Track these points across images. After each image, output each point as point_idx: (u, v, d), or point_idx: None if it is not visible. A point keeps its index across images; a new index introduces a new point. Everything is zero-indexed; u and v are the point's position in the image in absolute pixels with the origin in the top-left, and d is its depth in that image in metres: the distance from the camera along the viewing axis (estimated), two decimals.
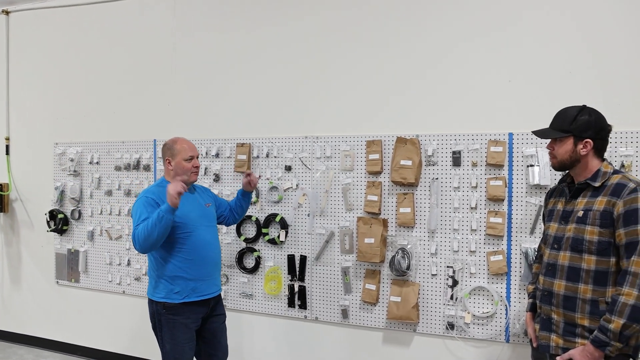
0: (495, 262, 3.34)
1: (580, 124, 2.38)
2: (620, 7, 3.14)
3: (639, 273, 2.20)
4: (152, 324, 3.27)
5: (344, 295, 3.77)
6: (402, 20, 3.64)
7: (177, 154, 3.22)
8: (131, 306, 4.56)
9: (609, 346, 2.24)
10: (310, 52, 3.92)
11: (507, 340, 3.35)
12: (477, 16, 3.45)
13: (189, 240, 3.16)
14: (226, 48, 4.20)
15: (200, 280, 3.19)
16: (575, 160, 2.42)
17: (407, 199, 3.54)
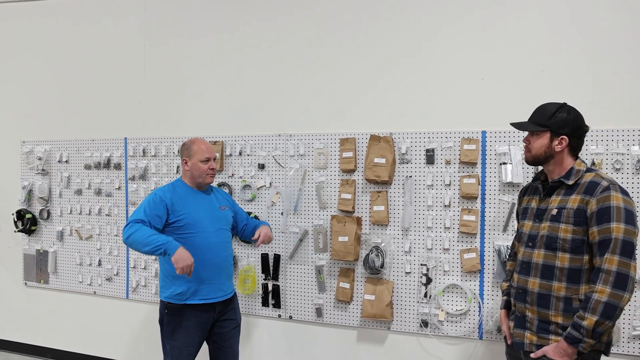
0: (469, 259, 3.31)
1: (558, 120, 2.36)
2: (592, 8, 3.13)
3: (612, 270, 2.17)
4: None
5: (318, 294, 3.70)
6: (374, 18, 3.59)
7: (194, 154, 3.14)
8: (102, 307, 4.42)
9: (582, 343, 2.21)
10: (282, 51, 3.84)
11: (481, 338, 3.32)
12: (449, 15, 3.41)
13: (192, 241, 3.04)
14: (198, 45, 4.09)
15: (203, 284, 3.08)
16: (549, 156, 2.39)
17: (381, 197, 3.49)
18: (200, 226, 3.09)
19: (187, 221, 3.06)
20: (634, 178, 3.01)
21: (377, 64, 3.58)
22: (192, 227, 3.07)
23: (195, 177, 3.15)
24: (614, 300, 2.16)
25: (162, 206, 3.03)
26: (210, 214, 3.16)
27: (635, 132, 3.02)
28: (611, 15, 3.10)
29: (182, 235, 3.04)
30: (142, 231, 2.89)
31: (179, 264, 2.81)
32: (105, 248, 4.35)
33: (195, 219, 3.09)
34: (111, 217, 4.32)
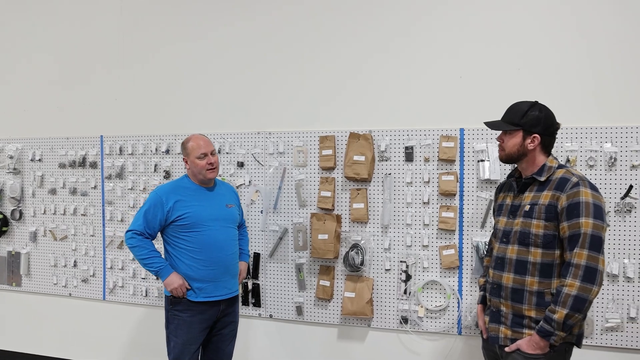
0: (448, 256, 3.45)
1: (530, 119, 2.49)
2: (567, 8, 3.28)
3: (581, 264, 2.31)
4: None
5: (298, 292, 3.82)
6: (352, 15, 3.71)
7: (191, 152, 3.21)
8: (78, 309, 4.48)
9: (554, 335, 2.35)
10: (261, 50, 3.93)
11: (460, 333, 3.47)
12: (427, 13, 3.54)
13: (197, 239, 3.16)
14: (176, 41, 4.17)
15: (207, 282, 3.18)
16: (522, 154, 2.52)
17: (361, 194, 3.61)
18: (206, 224, 3.17)
19: (192, 220, 3.15)
20: (606, 174, 3.18)
21: (355, 61, 3.70)
22: (198, 225, 3.16)
23: (195, 174, 3.23)
24: (583, 293, 2.30)
25: (161, 208, 3.13)
26: (216, 212, 3.24)
27: (608, 130, 3.18)
28: (585, 16, 3.25)
29: (187, 233, 3.16)
30: (140, 249, 3.13)
31: (168, 287, 3.14)
32: (81, 248, 4.41)
33: (201, 217, 3.17)
34: (87, 216, 4.39)
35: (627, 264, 3.16)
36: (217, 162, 3.27)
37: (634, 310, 3.15)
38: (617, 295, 3.18)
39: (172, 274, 3.13)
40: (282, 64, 3.88)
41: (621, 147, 3.17)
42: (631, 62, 3.18)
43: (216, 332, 3.32)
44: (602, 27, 3.23)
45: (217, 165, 3.28)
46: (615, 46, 3.21)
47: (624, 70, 3.19)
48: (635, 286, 3.16)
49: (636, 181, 3.14)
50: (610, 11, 3.22)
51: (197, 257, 3.17)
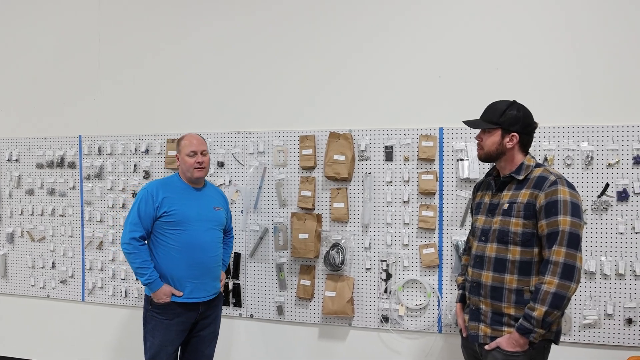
0: (428, 254, 3.46)
1: (509, 118, 2.50)
2: (544, 9, 3.31)
3: (559, 262, 2.32)
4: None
5: (279, 292, 3.80)
6: (332, 15, 3.70)
7: (182, 149, 3.20)
8: (57, 311, 4.42)
9: (533, 333, 2.35)
10: (241, 47, 3.91)
11: (440, 331, 3.48)
12: (407, 12, 3.54)
13: (180, 238, 3.12)
14: (155, 40, 4.13)
15: (188, 282, 3.13)
16: (500, 153, 2.53)
17: (341, 194, 3.60)
18: (190, 223, 3.14)
19: (177, 217, 3.12)
20: (583, 173, 3.21)
21: (335, 61, 3.70)
22: (182, 224, 3.12)
23: (184, 171, 3.20)
24: (561, 290, 2.31)
25: (152, 203, 3.11)
26: (202, 212, 3.20)
27: (585, 129, 3.21)
28: (562, 16, 3.28)
29: (171, 231, 3.12)
30: (134, 257, 3.08)
31: (154, 299, 3.10)
32: (59, 249, 4.34)
33: (186, 216, 3.14)
34: (65, 217, 4.32)
35: (603, 261, 3.19)
36: (207, 162, 3.22)
37: (611, 307, 3.18)
38: (594, 292, 3.21)
39: (162, 288, 3.08)
40: (262, 64, 3.86)
41: (597, 146, 3.20)
42: (607, 62, 3.22)
43: (195, 334, 3.28)
44: (579, 28, 3.26)
45: (207, 166, 3.23)
46: (592, 46, 3.24)
47: (601, 70, 3.23)
48: (612, 283, 3.19)
49: (612, 179, 3.18)
50: (587, 12, 3.25)
51: (178, 256, 3.12)
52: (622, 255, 3.18)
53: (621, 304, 3.18)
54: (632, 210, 3.16)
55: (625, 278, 3.17)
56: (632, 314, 3.17)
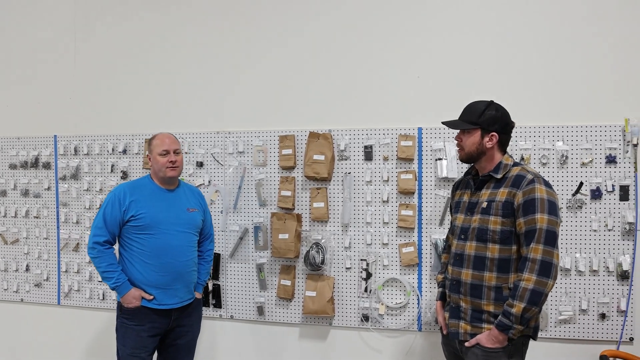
0: (407, 253, 3.48)
1: (488, 118, 2.53)
2: (519, 11, 3.36)
3: (537, 259, 2.37)
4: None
5: (259, 292, 3.79)
6: (311, 15, 3.70)
7: (154, 148, 3.11)
8: (32, 315, 4.32)
9: (512, 329, 2.39)
10: (220, 49, 3.89)
11: (420, 329, 3.50)
12: (385, 12, 3.56)
13: (149, 243, 3.03)
14: (132, 38, 4.08)
15: (158, 289, 3.04)
16: (481, 153, 2.56)
17: (321, 193, 3.60)
18: (160, 227, 3.04)
19: (146, 221, 3.03)
20: (558, 171, 3.27)
21: (315, 61, 3.70)
22: (151, 227, 3.04)
23: (157, 171, 3.11)
24: (539, 287, 2.35)
25: (118, 207, 3.03)
26: (174, 214, 3.11)
27: (560, 129, 3.27)
28: (538, 18, 3.33)
29: (140, 235, 3.03)
30: (99, 262, 3.02)
31: (124, 303, 3.05)
32: (34, 252, 4.26)
33: (155, 220, 3.04)
34: (40, 219, 4.24)
35: (578, 258, 3.25)
36: (180, 162, 3.15)
37: (585, 302, 3.25)
38: (570, 288, 3.27)
39: (131, 292, 3.01)
40: (241, 64, 3.84)
41: (572, 145, 3.26)
42: (582, 63, 3.28)
43: (172, 342, 3.20)
44: (555, 29, 3.32)
45: (180, 165, 3.16)
46: (567, 47, 3.30)
47: (576, 71, 3.29)
48: (586, 279, 3.25)
49: (586, 178, 3.24)
50: (561, 14, 3.30)
51: (148, 261, 3.04)
52: (595, 252, 3.24)
53: (595, 299, 3.24)
54: (605, 208, 3.23)
55: (599, 274, 3.24)
56: (606, 309, 3.23)
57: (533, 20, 3.34)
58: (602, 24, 3.26)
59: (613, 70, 3.24)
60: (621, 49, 3.23)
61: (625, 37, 3.23)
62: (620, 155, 3.21)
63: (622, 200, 3.21)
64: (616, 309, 3.22)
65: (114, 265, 3.02)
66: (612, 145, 3.22)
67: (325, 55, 3.68)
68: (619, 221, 3.21)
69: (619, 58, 3.24)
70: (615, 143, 3.21)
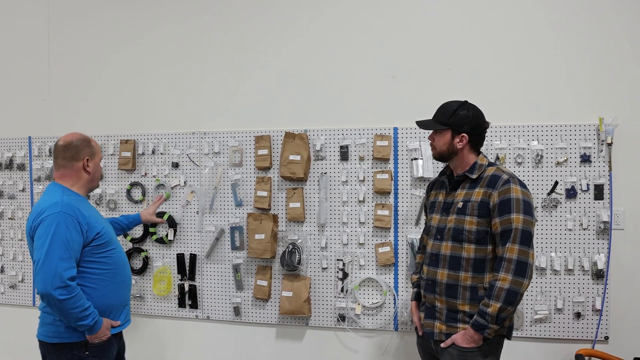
0: (383, 253, 3.36)
1: (458, 119, 2.44)
2: (495, 11, 3.26)
3: (513, 259, 2.27)
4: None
5: (236, 293, 3.64)
6: (284, 15, 3.58)
7: (96, 154, 2.65)
8: (6, 317, 4.14)
9: (487, 329, 2.31)
10: (196, 49, 3.74)
11: (396, 329, 3.39)
12: (360, 11, 3.45)
13: (112, 259, 2.59)
14: (106, 37, 3.91)
15: (122, 308, 2.67)
16: (452, 153, 2.47)
17: (297, 193, 3.48)
18: (115, 241, 2.68)
19: (107, 237, 2.58)
20: (533, 171, 3.17)
21: (290, 61, 3.57)
22: (111, 243, 2.61)
23: (95, 180, 2.67)
24: (515, 287, 2.26)
25: (79, 229, 2.45)
26: (110, 226, 2.77)
27: (535, 128, 3.17)
28: (512, 17, 3.24)
29: (102, 254, 2.55)
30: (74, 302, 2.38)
31: (95, 340, 2.51)
32: (9, 253, 4.07)
33: (109, 233, 2.64)
34: (15, 220, 4.05)
35: (553, 257, 3.16)
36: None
37: (561, 301, 3.16)
38: (545, 287, 3.17)
39: (103, 324, 2.52)
40: (216, 64, 3.70)
41: (547, 144, 3.17)
42: (557, 62, 3.19)
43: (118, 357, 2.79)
44: (530, 29, 3.22)
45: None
46: (541, 47, 3.21)
47: (550, 71, 3.20)
48: (562, 278, 3.16)
49: (561, 177, 3.15)
50: (536, 13, 3.21)
51: (113, 279, 2.59)
52: (570, 251, 3.15)
53: (570, 298, 3.15)
54: (580, 207, 3.14)
55: (574, 273, 3.15)
56: (581, 308, 3.14)
57: (508, 21, 3.25)
58: (576, 24, 3.17)
59: (587, 69, 3.16)
60: (595, 48, 3.15)
61: (599, 37, 3.14)
62: (594, 154, 3.12)
63: (596, 199, 3.13)
64: (591, 308, 3.14)
65: (87, 302, 2.45)
66: (586, 145, 3.13)
67: (300, 55, 3.55)
68: (594, 220, 3.13)
69: (593, 57, 3.15)
70: (590, 142, 3.13)
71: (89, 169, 2.62)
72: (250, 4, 3.64)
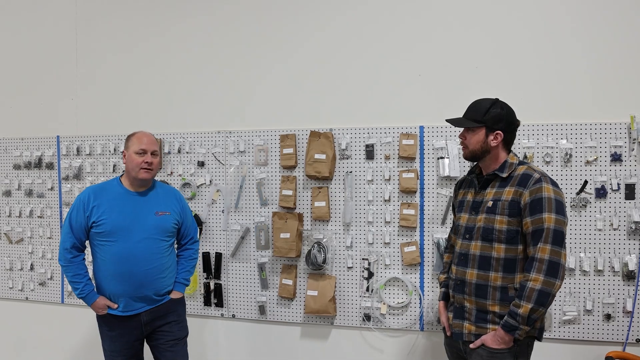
0: (409, 253, 3.32)
1: (493, 116, 2.38)
2: (525, 6, 3.19)
3: (544, 259, 2.21)
4: None
5: (261, 292, 3.62)
6: (310, 13, 3.55)
7: (131, 145, 2.85)
8: (36, 314, 4.17)
9: (518, 330, 2.25)
10: (220, 48, 3.73)
11: (422, 329, 3.34)
12: (388, 11, 3.40)
13: (110, 250, 2.79)
14: (134, 38, 3.92)
15: (121, 297, 2.84)
16: (485, 151, 2.41)
17: (322, 192, 3.44)
18: (120, 234, 2.79)
19: (107, 227, 2.79)
20: (562, 170, 3.09)
21: (316, 59, 3.54)
22: (112, 234, 2.79)
23: (129, 170, 2.84)
24: (546, 287, 2.20)
25: (82, 212, 2.82)
26: (137, 221, 2.83)
27: (563, 127, 3.10)
28: (541, 14, 3.17)
29: (102, 242, 2.81)
30: (67, 270, 2.85)
31: (94, 311, 2.91)
32: (38, 251, 4.11)
33: (117, 226, 2.79)
34: (44, 218, 4.09)
35: (583, 257, 3.08)
36: (156, 165, 2.88)
37: (590, 302, 3.08)
38: (574, 288, 3.10)
39: (97, 301, 2.84)
40: (242, 63, 3.68)
41: (576, 143, 3.09)
42: (586, 60, 3.11)
43: (157, 345, 2.99)
44: (557, 26, 3.15)
45: (155, 169, 2.89)
46: (569, 45, 3.13)
47: (579, 68, 3.12)
48: (591, 279, 3.08)
49: (591, 176, 3.07)
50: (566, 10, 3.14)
51: (109, 268, 2.81)
52: (600, 251, 3.07)
53: (600, 300, 3.07)
54: (610, 207, 3.06)
55: (604, 274, 3.07)
56: (611, 309, 3.06)
57: (536, 18, 3.18)
58: (607, 21, 3.09)
59: (618, 67, 3.07)
60: (626, 45, 3.06)
61: (631, 34, 3.06)
62: (625, 153, 3.04)
63: (627, 199, 3.04)
64: (622, 310, 3.05)
65: (79, 275, 2.83)
66: (617, 143, 3.05)
67: (326, 54, 3.52)
68: (625, 220, 3.04)
69: (624, 55, 3.06)
70: (621, 141, 3.04)
71: (124, 161, 2.90)
72: (276, 3, 3.61)
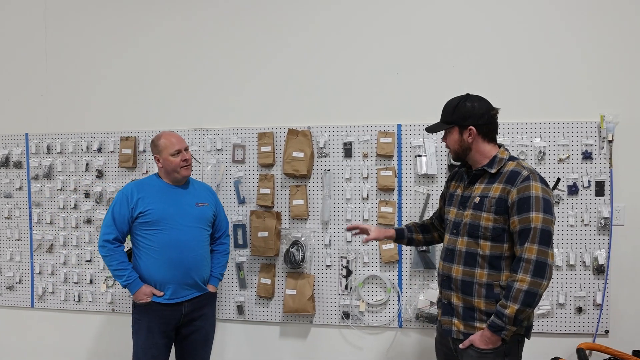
0: (387, 250, 3.21)
1: (462, 113, 2.27)
2: (500, 8, 3.13)
3: (532, 259, 2.11)
4: None
5: (239, 291, 3.45)
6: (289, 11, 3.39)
7: (163, 149, 2.85)
8: (4, 319, 3.88)
9: (505, 330, 2.15)
10: (198, 45, 3.53)
11: (400, 326, 3.23)
12: (366, 9, 3.28)
13: (157, 238, 2.81)
14: (105, 32, 3.68)
15: (169, 284, 2.82)
16: (466, 149, 2.29)
17: (300, 191, 3.30)
18: (168, 222, 2.82)
19: (153, 217, 2.81)
20: (536, 168, 3.03)
21: (293, 58, 3.39)
22: (159, 223, 2.81)
23: (169, 172, 2.87)
24: (533, 288, 2.10)
25: (126, 205, 2.82)
26: (182, 210, 2.87)
27: (538, 125, 3.06)
28: (515, 17, 3.11)
29: (148, 231, 2.81)
30: (109, 260, 2.83)
31: (135, 300, 2.85)
32: (5, 254, 3.81)
33: (163, 215, 2.82)
34: (12, 219, 3.80)
35: (556, 253, 3.03)
36: (190, 158, 2.91)
37: (562, 296, 3.05)
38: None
39: (142, 289, 2.81)
40: (218, 61, 3.50)
41: (549, 141, 3.05)
42: (559, 60, 3.07)
43: (187, 337, 2.94)
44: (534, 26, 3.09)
45: (191, 162, 2.92)
46: (545, 45, 3.08)
47: (552, 69, 3.07)
48: (563, 274, 3.05)
49: (563, 174, 3.03)
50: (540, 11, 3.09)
51: (156, 256, 2.81)
52: (572, 246, 3.04)
53: (572, 293, 3.04)
54: (582, 203, 3.03)
55: (576, 269, 3.04)
56: (582, 302, 3.03)
57: (511, 19, 3.12)
58: (578, 23, 3.05)
59: (589, 67, 3.04)
60: (596, 46, 3.04)
61: (601, 35, 3.03)
62: (596, 151, 3.01)
63: (597, 195, 3.02)
64: (592, 303, 3.03)
65: (124, 263, 2.82)
66: (588, 142, 3.02)
67: (303, 52, 3.37)
68: (595, 216, 3.02)
69: (595, 56, 3.04)
70: (591, 139, 3.01)
71: (160, 165, 2.90)
72: (252, 1, 3.44)
